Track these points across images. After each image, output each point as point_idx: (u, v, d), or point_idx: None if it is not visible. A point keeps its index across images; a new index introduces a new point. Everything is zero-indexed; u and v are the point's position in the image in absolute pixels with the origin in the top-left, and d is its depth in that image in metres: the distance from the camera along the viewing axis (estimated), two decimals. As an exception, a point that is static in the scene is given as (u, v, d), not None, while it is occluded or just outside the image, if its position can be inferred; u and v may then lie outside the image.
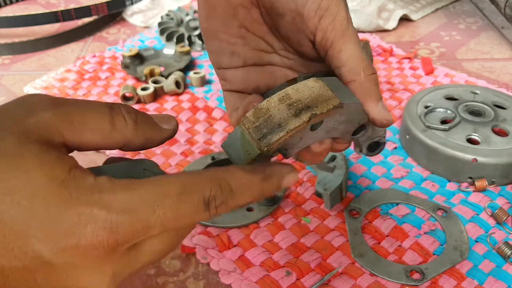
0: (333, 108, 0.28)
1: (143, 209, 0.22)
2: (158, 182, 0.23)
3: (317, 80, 0.29)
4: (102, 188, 0.22)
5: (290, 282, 0.42)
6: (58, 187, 0.21)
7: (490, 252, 0.44)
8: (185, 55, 0.75)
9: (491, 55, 0.77)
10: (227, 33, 0.33)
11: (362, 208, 0.48)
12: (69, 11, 0.84)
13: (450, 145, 0.51)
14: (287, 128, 0.27)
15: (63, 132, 0.23)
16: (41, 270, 0.21)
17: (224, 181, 0.24)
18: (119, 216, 0.21)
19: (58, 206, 0.21)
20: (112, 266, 0.22)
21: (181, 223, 0.23)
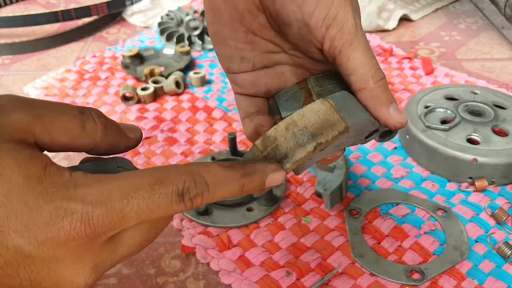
0: (338, 134, 0.28)
1: (117, 201, 0.22)
2: (131, 175, 0.24)
3: (323, 101, 0.29)
4: (77, 182, 0.22)
5: (290, 282, 0.42)
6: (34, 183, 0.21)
7: (490, 252, 0.44)
8: (185, 55, 0.75)
9: (491, 55, 0.77)
10: (235, 39, 0.33)
11: (362, 208, 0.48)
12: (69, 11, 0.84)
13: (450, 145, 0.51)
14: (293, 159, 0.28)
15: (34, 132, 0.23)
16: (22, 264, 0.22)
17: (199, 175, 0.25)
18: (94, 208, 0.22)
19: (36, 201, 0.21)
20: (92, 257, 0.23)
21: (156, 214, 0.23)
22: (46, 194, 0.21)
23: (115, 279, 0.43)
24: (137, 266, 0.45)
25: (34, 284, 0.22)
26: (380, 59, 0.75)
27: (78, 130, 0.25)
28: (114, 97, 0.69)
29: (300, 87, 0.33)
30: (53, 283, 0.23)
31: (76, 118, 0.25)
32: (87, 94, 0.70)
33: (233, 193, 0.26)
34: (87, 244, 0.22)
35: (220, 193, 0.25)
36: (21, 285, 0.22)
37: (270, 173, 0.28)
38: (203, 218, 0.48)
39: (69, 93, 0.71)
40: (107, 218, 0.22)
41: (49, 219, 0.21)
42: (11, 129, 0.23)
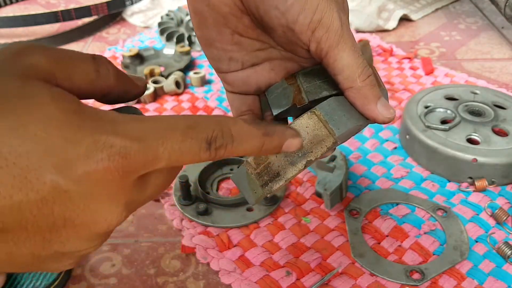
0: (327, 150, 0.30)
1: (153, 139, 0.22)
2: (165, 117, 0.24)
3: (311, 115, 0.30)
4: (114, 118, 0.22)
5: (290, 282, 0.42)
6: (72, 117, 0.21)
7: (490, 252, 0.44)
8: (185, 55, 0.75)
9: (491, 55, 0.77)
10: (221, 41, 0.33)
11: (362, 208, 0.48)
12: (69, 11, 0.84)
13: (450, 145, 0.51)
14: (286, 177, 0.30)
15: (56, 75, 0.23)
16: (58, 200, 0.21)
17: (227, 126, 0.25)
18: (132, 143, 0.22)
19: (74, 134, 0.21)
20: (125, 195, 0.23)
21: (185, 158, 0.24)
22: (84, 128, 0.21)
23: (115, 279, 0.43)
24: (137, 266, 0.45)
25: (67, 223, 0.22)
26: (380, 59, 0.75)
27: (94, 75, 0.25)
28: (114, 97, 0.69)
29: (289, 83, 0.34)
30: (87, 221, 0.22)
31: (90, 62, 0.25)
32: (87, 94, 0.70)
33: (253, 149, 0.27)
34: (122, 180, 0.22)
35: (242, 147, 0.26)
36: (54, 225, 0.22)
37: (289, 138, 0.29)
38: (203, 218, 0.48)
39: (69, 93, 0.70)
40: (143, 155, 0.22)
41: (88, 152, 0.21)
42: (35, 70, 0.22)
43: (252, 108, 0.36)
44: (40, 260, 0.23)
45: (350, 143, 0.58)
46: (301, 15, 0.29)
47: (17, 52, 0.23)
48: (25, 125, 0.20)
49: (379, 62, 0.75)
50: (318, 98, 0.32)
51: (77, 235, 0.23)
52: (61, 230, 0.22)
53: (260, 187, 0.31)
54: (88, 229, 0.23)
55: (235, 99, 0.36)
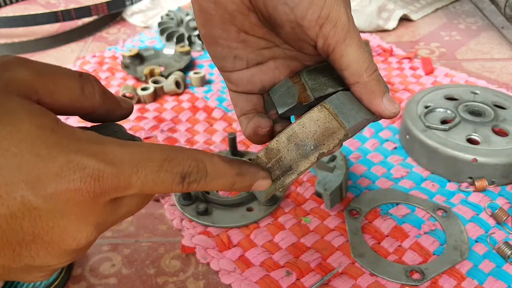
0: (339, 142, 0.29)
1: (128, 166, 0.23)
2: (143, 145, 0.24)
3: (321, 109, 0.30)
4: (91, 139, 0.22)
5: (290, 282, 0.42)
6: (48, 134, 0.21)
7: (490, 252, 0.44)
8: (185, 55, 0.75)
9: (491, 55, 0.77)
10: (227, 39, 0.33)
11: (362, 208, 0.48)
12: (69, 11, 0.84)
13: (450, 145, 0.51)
14: (298, 170, 0.30)
15: (38, 91, 0.23)
16: (28, 217, 0.21)
17: (203, 162, 0.26)
18: (106, 166, 0.22)
19: (48, 152, 0.21)
20: (95, 216, 0.23)
21: (157, 189, 0.24)
22: (59, 146, 0.21)
23: (115, 279, 0.43)
24: (137, 266, 0.45)
25: (36, 239, 0.22)
26: (380, 59, 0.75)
27: (78, 92, 0.25)
28: (114, 97, 0.69)
29: (293, 81, 0.34)
30: (55, 238, 0.22)
31: (76, 80, 0.25)
32: (87, 94, 0.70)
33: (225, 187, 0.27)
34: (93, 202, 0.22)
35: (214, 184, 0.26)
36: (23, 240, 0.22)
37: (260, 179, 0.29)
38: (203, 218, 0.48)
39: (69, 93, 0.70)
40: (116, 180, 0.22)
41: (61, 171, 0.21)
42: (15, 85, 0.22)
43: (256, 107, 0.36)
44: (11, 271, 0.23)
45: (350, 143, 0.58)
46: (310, 10, 0.29)
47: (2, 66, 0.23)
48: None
49: (379, 62, 0.75)
50: (324, 95, 0.32)
51: (46, 251, 0.23)
52: (30, 245, 0.22)
53: (271, 182, 0.30)
54: (57, 246, 0.23)
55: (239, 98, 0.36)
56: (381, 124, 0.61)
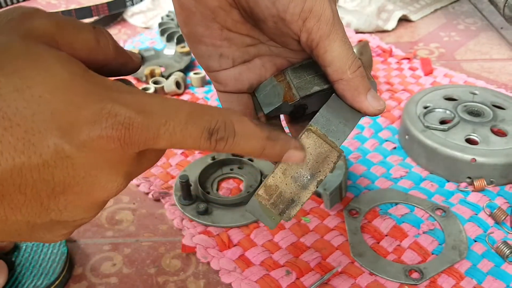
0: (334, 165, 0.30)
1: (157, 117, 0.22)
2: (172, 99, 0.24)
3: (308, 135, 0.30)
4: (120, 88, 0.22)
5: (290, 282, 0.42)
6: (80, 81, 0.21)
7: (488, 251, 0.44)
8: (186, 56, 0.76)
9: (490, 55, 0.77)
10: (211, 37, 0.32)
11: (362, 208, 0.48)
12: (70, 12, 0.85)
13: (449, 145, 0.51)
14: (301, 201, 0.30)
15: (57, 40, 0.23)
16: (60, 165, 0.21)
17: (231, 120, 0.25)
18: (137, 115, 0.21)
19: (82, 99, 0.21)
20: (125, 165, 0.23)
21: (184, 143, 0.23)
22: (91, 93, 0.21)
23: (116, 279, 0.44)
24: (137, 265, 0.45)
25: (66, 190, 0.21)
26: (380, 59, 0.76)
27: (94, 44, 0.25)
28: (115, 98, 0.69)
29: (278, 80, 0.33)
30: (86, 189, 0.22)
31: (91, 32, 0.25)
32: (87, 94, 0.70)
33: (254, 150, 0.26)
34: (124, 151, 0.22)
35: (243, 145, 0.25)
36: (53, 191, 0.21)
37: (292, 148, 0.28)
38: (203, 218, 0.48)
39: (70, 93, 0.71)
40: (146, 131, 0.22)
41: (94, 118, 0.21)
42: (38, 34, 0.22)
43: (247, 107, 0.35)
44: (34, 229, 0.23)
45: (350, 143, 0.58)
46: (292, 4, 0.28)
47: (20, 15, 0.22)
48: (31, 87, 0.20)
49: (378, 62, 0.75)
50: (310, 94, 0.31)
51: (75, 203, 0.22)
52: (59, 197, 0.22)
53: (278, 215, 0.31)
54: (87, 197, 0.22)
55: (227, 99, 0.35)
56: (380, 124, 0.61)
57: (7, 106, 0.19)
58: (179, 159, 0.57)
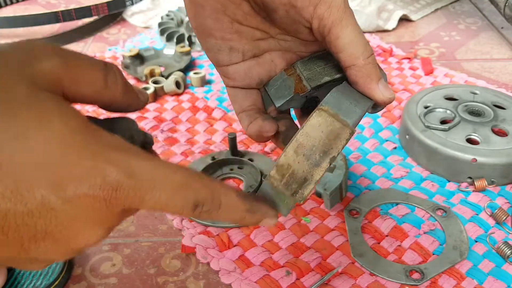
0: (346, 142, 0.29)
1: (146, 183, 0.23)
2: (165, 164, 0.24)
3: (319, 113, 0.29)
4: (117, 146, 0.22)
5: (290, 282, 0.42)
6: (77, 137, 0.21)
7: (489, 252, 0.44)
8: (185, 55, 0.76)
9: (491, 55, 0.77)
10: (221, 30, 0.32)
11: (362, 208, 0.48)
12: (70, 11, 0.84)
13: (450, 145, 0.51)
14: (314, 179, 0.29)
15: (64, 82, 0.23)
16: (44, 216, 0.21)
17: (218, 196, 0.25)
18: (127, 179, 0.22)
19: (76, 155, 0.21)
20: (108, 221, 0.23)
21: (167, 210, 0.24)
22: (87, 150, 0.21)
23: (115, 279, 0.43)
24: (137, 266, 0.45)
25: (47, 237, 0.22)
26: (380, 59, 0.76)
27: (101, 85, 0.25)
28: (115, 97, 0.69)
29: (288, 74, 0.33)
30: (67, 238, 0.22)
31: (101, 71, 0.25)
32: (87, 94, 0.70)
33: (233, 221, 0.28)
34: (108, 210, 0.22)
35: (224, 216, 0.26)
36: (34, 237, 0.22)
37: (267, 218, 0.29)
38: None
39: (70, 93, 0.71)
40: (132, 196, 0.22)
41: (83, 175, 0.21)
42: (43, 78, 0.22)
43: (256, 103, 0.35)
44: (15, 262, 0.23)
45: (350, 143, 0.58)
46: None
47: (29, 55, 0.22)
48: (27, 136, 0.20)
49: (378, 62, 0.74)
50: (320, 84, 0.31)
51: (55, 248, 0.23)
52: (40, 242, 0.22)
53: (291, 196, 0.30)
54: (66, 245, 0.23)
55: (237, 94, 0.35)
56: (381, 124, 0.61)
57: (1, 152, 0.20)
58: (179, 159, 0.57)
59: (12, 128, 0.20)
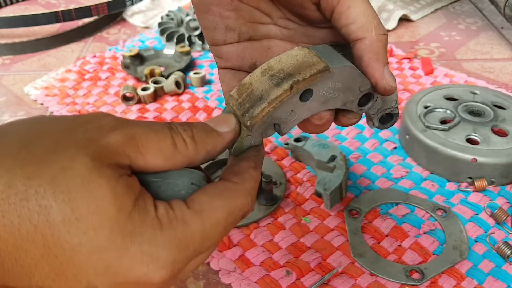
0: (317, 73, 0.26)
1: (198, 242, 0.23)
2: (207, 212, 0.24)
3: (302, 48, 0.27)
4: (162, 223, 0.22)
5: (290, 282, 0.42)
6: (124, 220, 0.21)
7: (489, 252, 0.44)
8: (185, 55, 0.76)
9: (491, 55, 0.77)
10: (219, 5, 0.31)
11: (362, 208, 0.48)
12: (70, 11, 0.84)
13: (450, 145, 0.51)
14: (269, 98, 0.26)
15: (130, 156, 0.23)
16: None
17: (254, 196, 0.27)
18: (179, 253, 0.22)
19: (123, 241, 0.21)
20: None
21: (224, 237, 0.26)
22: (134, 235, 0.21)
23: (115, 279, 0.43)
24: (137, 265, 0.45)
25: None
26: (380, 59, 0.75)
27: (170, 149, 0.24)
28: (115, 97, 0.69)
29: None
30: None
31: (167, 136, 0.24)
32: (87, 94, 0.70)
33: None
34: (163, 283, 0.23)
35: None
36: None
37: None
38: (203, 218, 0.48)
39: (70, 93, 0.71)
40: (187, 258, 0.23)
41: (134, 263, 0.21)
42: (109, 152, 0.22)
43: None
44: None
45: (350, 143, 0.58)
46: None
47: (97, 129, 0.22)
48: (79, 220, 0.20)
49: (379, 62, 0.75)
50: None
51: None
52: None
53: (240, 118, 0.27)
54: None
55: (227, 74, 0.34)
56: (381, 124, 0.61)
57: (51, 235, 0.20)
58: (179, 159, 0.57)
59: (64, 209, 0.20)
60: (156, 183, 0.25)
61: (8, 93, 0.72)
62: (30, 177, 0.20)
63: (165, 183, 0.25)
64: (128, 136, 0.23)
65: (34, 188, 0.20)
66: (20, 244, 0.20)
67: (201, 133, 0.26)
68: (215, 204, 0.24)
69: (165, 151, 0.24)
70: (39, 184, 0.20)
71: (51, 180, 0.20)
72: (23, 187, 0.19)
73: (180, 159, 0.25)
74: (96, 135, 0.22)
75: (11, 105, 0.70)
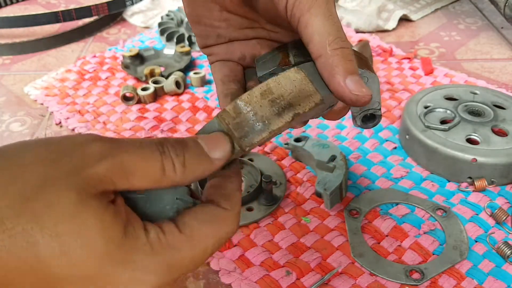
0: (314, 106, 0.27)
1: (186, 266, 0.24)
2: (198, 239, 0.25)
3: (298, 71, 0.28)
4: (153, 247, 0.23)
5: (290, 282, 0.42)
6: (114, 250, 0.22)
7: (489, 252, 0.44)
8: (185, 55, 0.76)
9: (491, 55, 0.77)
10: (210, 17, 0.34)
11: (362, 208, 0.48)
12: (70, 12, 0.84)
13: (450, 145, 0.51)
14: (270, 128, 0.26)
15: (116, 183, 0.23)
16: None
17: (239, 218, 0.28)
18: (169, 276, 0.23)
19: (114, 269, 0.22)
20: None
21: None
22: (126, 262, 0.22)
23: (115, 279, 0.43)
24: (137, 265, 0.45)
25: None
26: (380, 59, 0.76)
27: (158, 175, 0.24)
28: (115, 97, 0.69)
29: (279, 50, 0.34)
30: None
31: (157, 162, 0.24)
32: (87, 94, 0.70)
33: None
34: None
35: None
36: None
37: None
38: (203, 218, 0.48)
39: (70, 93, 0.71)
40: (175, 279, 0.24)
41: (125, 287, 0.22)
42: (96, 181, 0.22)
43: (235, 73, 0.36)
44: None
45: (350, 143, 0.58)
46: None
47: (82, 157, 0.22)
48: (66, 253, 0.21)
49: (378, 62, 0.75)
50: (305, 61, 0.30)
51: None
52: None
53: (237, 140, 0.26)
54: None
55: (217, 64, 0.36)
56: (381, 124, 0.61)
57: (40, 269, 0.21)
58: (179, 159, 0.57)
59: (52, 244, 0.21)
60: (142, 199, 0.25)
61: (8, 93, 0.72)
62: (18, 215, 0.20)
63: (150, 199, 0.25)
64: (116, 164, 0.23)
65: (21, 225, 0.20)
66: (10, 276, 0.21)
67: (193, 159, 0.25)
68: (206, 231, 0.25)
69: (152, 177, 0.24)
70: (26, 221, 0.20)
71: (38, 217, 0.20)
72: (10, 224, 0.20)
73: (166, 183, 0.25)
74: (82, 164, 0.22)
75: (11, 105, 0.70)
